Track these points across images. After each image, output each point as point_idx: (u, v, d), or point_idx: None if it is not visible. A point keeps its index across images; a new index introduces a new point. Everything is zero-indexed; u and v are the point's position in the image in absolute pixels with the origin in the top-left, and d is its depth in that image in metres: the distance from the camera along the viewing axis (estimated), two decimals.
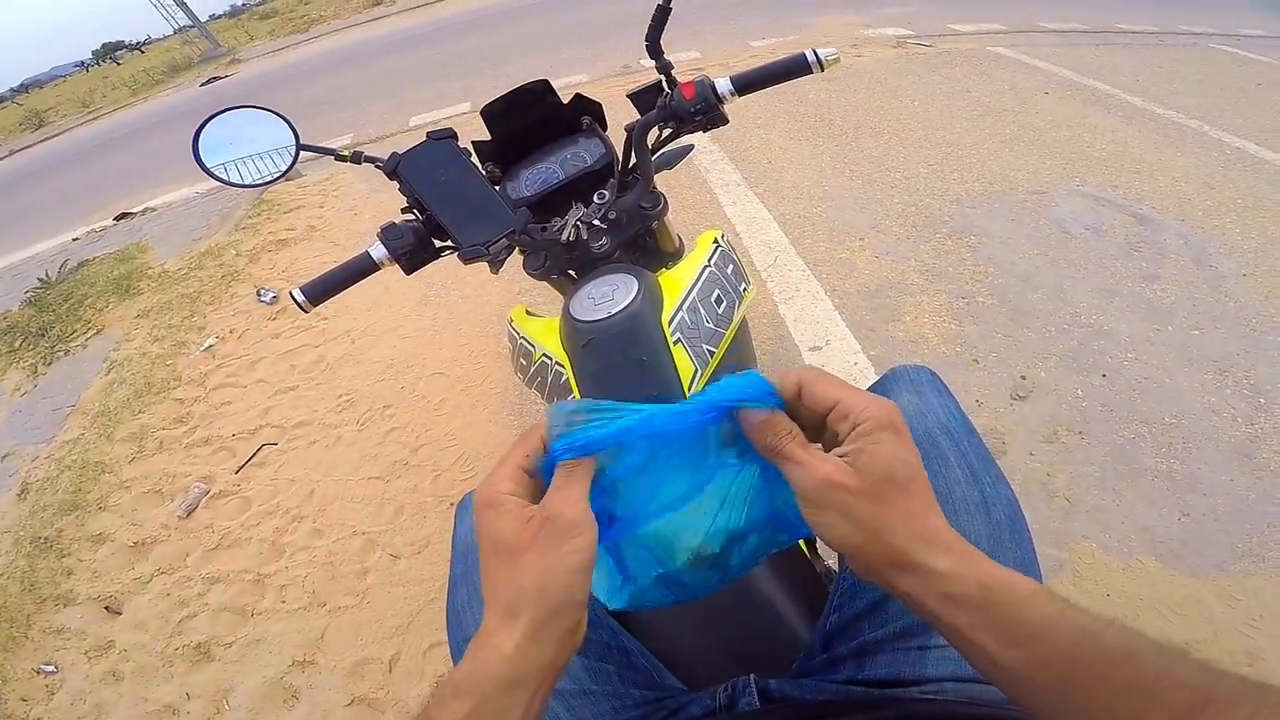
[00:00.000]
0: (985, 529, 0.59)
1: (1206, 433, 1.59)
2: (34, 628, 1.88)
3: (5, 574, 2.09)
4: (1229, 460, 1.52)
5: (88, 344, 3.34)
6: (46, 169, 8.16)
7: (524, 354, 0.91)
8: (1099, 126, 3.06)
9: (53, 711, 1.67)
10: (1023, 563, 0.59)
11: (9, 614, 1.93)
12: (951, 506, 0.60)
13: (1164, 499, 1.46)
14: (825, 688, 0.56)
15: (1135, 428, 1.63)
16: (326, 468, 2.15)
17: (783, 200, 2.80)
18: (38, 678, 1.75)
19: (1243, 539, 1.36)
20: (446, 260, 0.91)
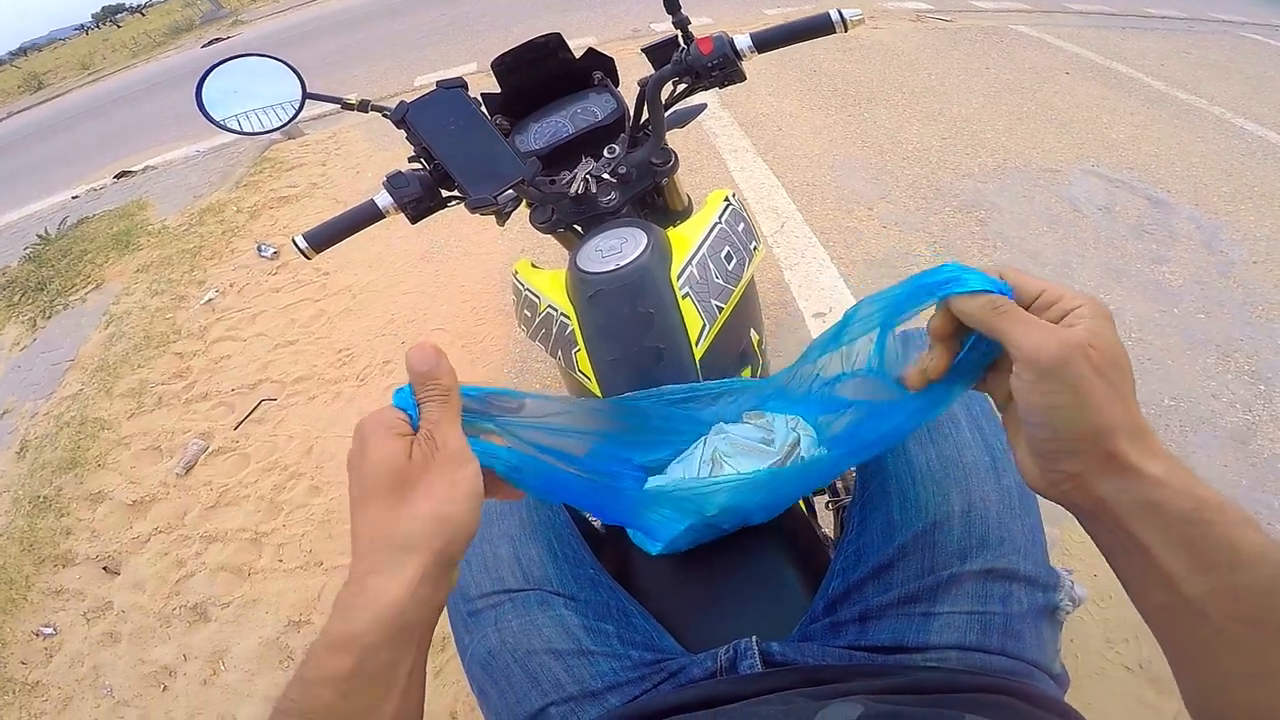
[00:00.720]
0: (995, 493, 0.58)
1: (1204, 417, 1.59)
2: (33, 589, 1.89)
3: (5, 534, 2.10)
4: (1224, 446, 1.52)
5: (87, 298, 3.32)
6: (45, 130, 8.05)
7: (529, 306, 0.90)
8: (1119, 109, 3.01)
9: (51, 674, 1.68)
10: (1032, 530, 0.58)
11: (8, 575, 1.94)
12: (962, 470, 0.59)
13: None
14: (828, 652, 0.55)
15: None
16: (325, 423, 2.15)
17: (792, 168, 2.77)
18: (37, 640, 1.76)
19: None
20: (449, 217, 0.90)
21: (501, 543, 0.67)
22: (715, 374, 0.79)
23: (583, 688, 0.58)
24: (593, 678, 0.58)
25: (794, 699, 0.47)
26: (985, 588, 0.55)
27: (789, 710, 0.45)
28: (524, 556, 0.66)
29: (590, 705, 0.57)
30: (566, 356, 0.82)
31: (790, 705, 0.46)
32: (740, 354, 0.87)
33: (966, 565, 0.55)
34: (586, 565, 0.68)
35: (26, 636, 1.78)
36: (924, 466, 0.60)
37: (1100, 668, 1.17)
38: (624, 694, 0.58)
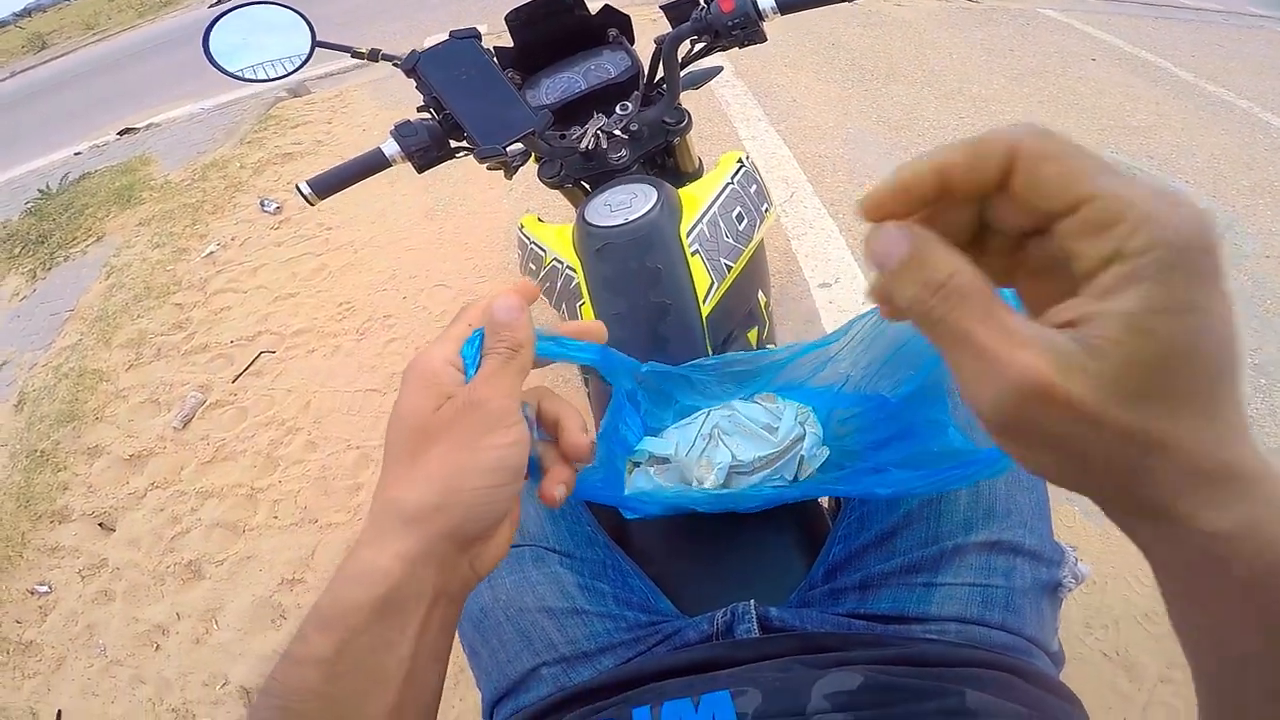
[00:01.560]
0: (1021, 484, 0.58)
1: None
2: (29, 546, 1.90)
3: (2, 490, 2.10)
4: None
5: (88, 250, 3.31)
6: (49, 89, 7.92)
7: (533, 259, 0.89)
8: (1143, 97, 2.95)
9: (46, 634, 1.69)
10: (1039, 504, 0.58)
11: (4, 532, 1.95)
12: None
13: None
14: (826, 619, 0.55)
15: None
16: (324, 377, 2.15)
17: (804, 139, 2.72)
18: (32, 599, 1.77)
19: None
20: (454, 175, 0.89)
21: None
22: (721, 333, 0.78)
23: (575, 648, 0.57)
24: (586, 638, 0.58)
25: (791, 666, 0.47)
26: (989, 560, 0.54)
27: (786, 678, 0.45)
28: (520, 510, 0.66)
29: (583, 666, 0.57)
30: (571, 310, 0.81)
31: (788, 673, 0.46)
32: (747, 314, 0.87)
33: (971, 536, 0.55)
34: (584, 523, 0.67)
35: (22, 595, 1.78)
36: None
37: (1079, 652, 1.17)
38: (617, 655, 0.57)
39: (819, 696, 0.42)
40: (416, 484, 0.32)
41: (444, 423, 0.32)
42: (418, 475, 0.32)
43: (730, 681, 0.45)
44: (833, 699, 0.41)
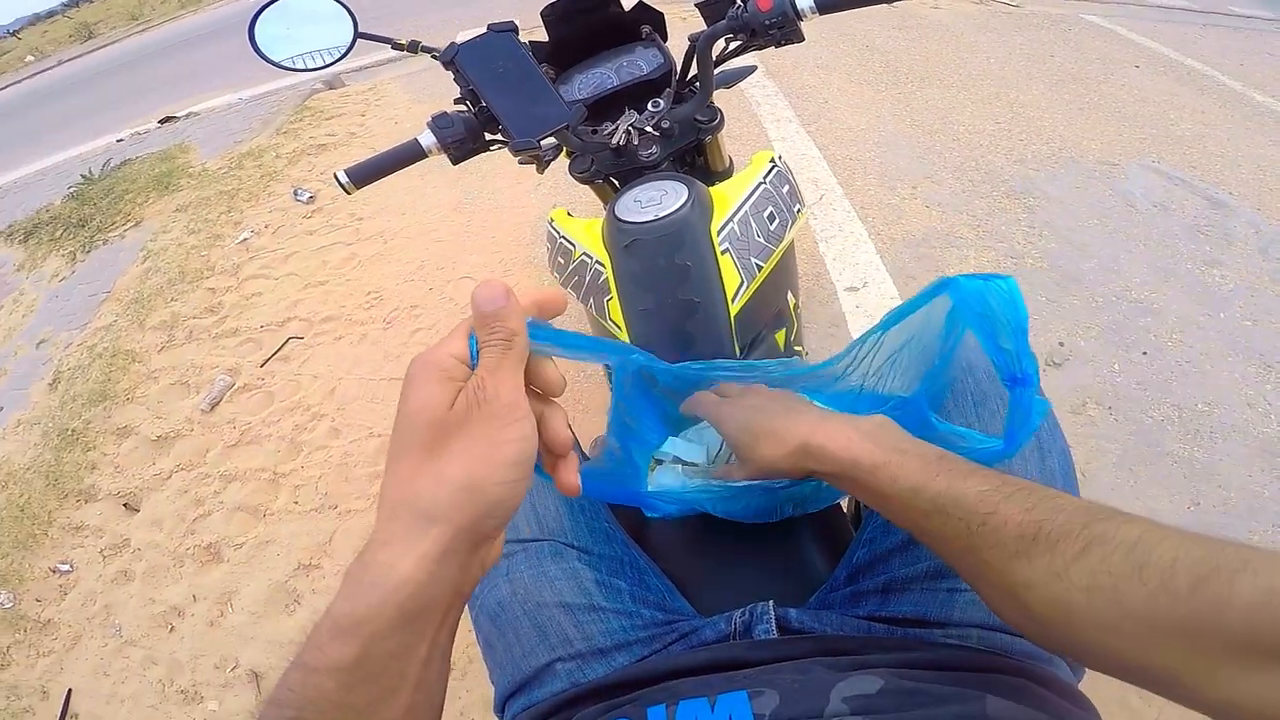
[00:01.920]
0: (1038, 473, 0.56)
1: (1236, 425, 1.53)
2: (54, 524, 1.94)
3: (32, 468, 2.15)
4: (1253, 456, 1.47)
5: (126, 235, 3.40)
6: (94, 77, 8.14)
7: (562, 253, 0.89)
8: (1188, 106, 2.87)
9: (64, 612, 1.72)
10: None
11: (32, 511, 1.99)
12: None
13: (1179, 486, 1.43)
14: (846, 622, 0.54)
15: (1166, 410, 1.58)
16: (350, 365, 2.18)
17: (836, 141, 2.70)
18: (53, 577, 1.81)
19: (1245, 536, 1.33)
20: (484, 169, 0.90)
21: None
22: (749, 333, 0.78)
23: (591, 644, 0.57)
24: (602, 635, 0.57)
25: (810, 668, 0.46)
26: None
27: (805, 680, 0.44)
28: (539, 505, 0.65)
29: (597, 663, 0.56)
30: (598, 304, 0.81)
31: (806, 675, 0.45)
32: (776, 315, 0.86)
33: None
34: (602, 519, 0.67)
35: (44, 573, 1.82)
36: None
37: None
38: (633, 653, 0.57)
39: (838, 699, 0.41)
40: (436, 482, 0.31)
41: (459, 419, 0.31)
42: (436, 473, 0.31)
43: (747, 682, 0.45)
44: (852, 702, 0.41)
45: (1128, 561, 0.33)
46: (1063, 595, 0.35)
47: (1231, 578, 0.29)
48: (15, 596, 1.78)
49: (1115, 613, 0.33)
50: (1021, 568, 0.37)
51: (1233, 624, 0.29)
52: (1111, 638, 0.34)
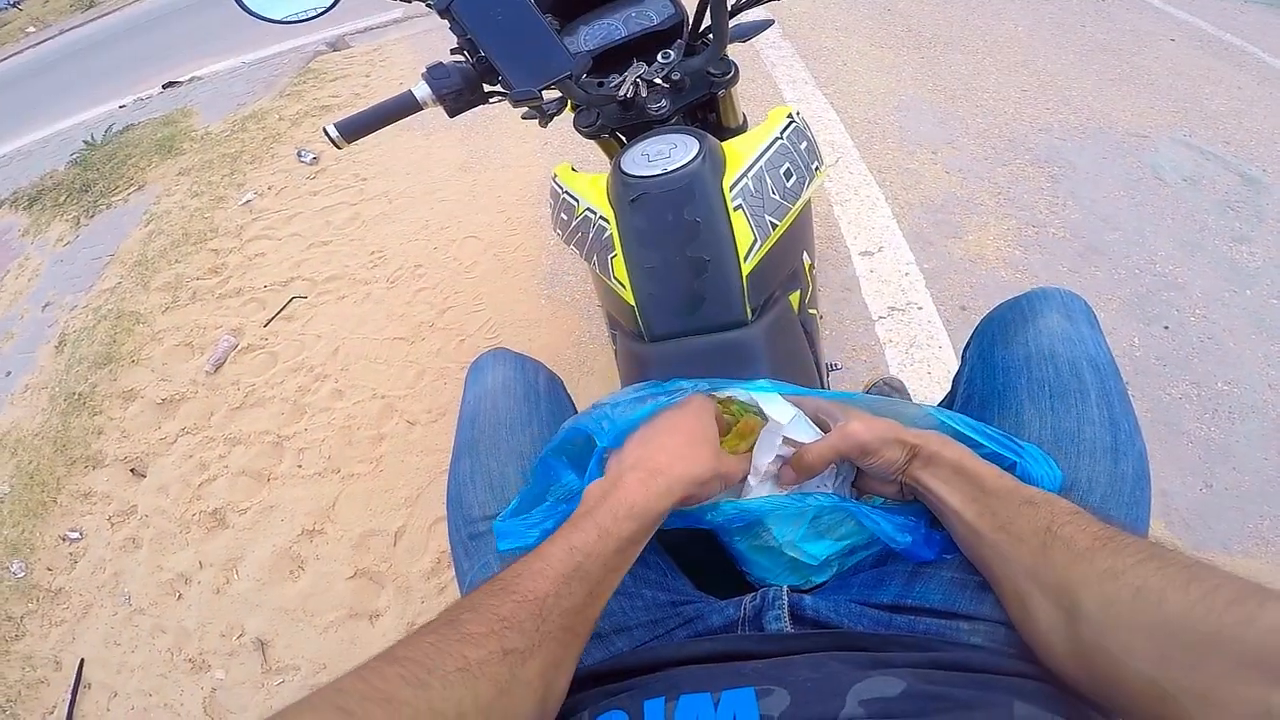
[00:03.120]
0: (1107, 477, 0.53)
1: (1256, 406, 1.49)
2: (63, 491, 1.95)
3: (40, 434, 2.16)
4: (1270, 438, 1.43)
5: (129, 199, 3.38)
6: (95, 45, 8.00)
7: (565, 209, 0.85)
8: (1224, 81, 2.74)
9: (74, 580, 1.73)
10: (1135, 523, 0.53)
11: (41, 478, 2.00)
12: (1077, 446, 0.53)
13: (1193, 466, 1.40)
14: (866, 613, 0.51)
15: (1185, 388, 1.54)
16: (354, 324, 2.16)
17: (853, 104, 2.62)
18: (63, 545, 1.82)
19: (1256, 520, 1.31)
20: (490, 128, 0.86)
21: (509, 461, 0.62)
22: (762, 294, 0.74)
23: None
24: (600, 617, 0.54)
25: (826, 663, 0.43)
26: None
27: (819, 679, 0.41)
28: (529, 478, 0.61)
29: (594, 646, 0.54)
30: (602, 262, 0.77)
31: (820, 673, 0.42)
32: (790, 275, 0.82)
33: None
34: None
35: (54, 541, 1.83)
36: (1035, 433, 0.55)
37: None
38: (632, 637, 0.54)
39: (855, 702, 0.38)
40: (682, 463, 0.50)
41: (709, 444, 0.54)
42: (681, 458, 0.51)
43: (756, 677, 0.42)
44: (870, 705, 0.38)
45: (1180, 574, 0.36)
46: (1113, 593, 0.38)
47: (1263, 602, 0.33)
48: (27, 566, 1.80)
49: (1154, 615, 0.36)
50: (1082, 567, 0.41)
51: (1254, 640, 0.32)
52: (1143, 641, 0.36)
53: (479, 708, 0.35)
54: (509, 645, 0.37)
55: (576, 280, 2.07)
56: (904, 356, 1.65)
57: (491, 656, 0.36)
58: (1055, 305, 0.63)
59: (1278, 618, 0.31)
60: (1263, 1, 3.74)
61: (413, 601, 1.46)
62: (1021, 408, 0.57)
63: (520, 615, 0.39)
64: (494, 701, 0.36)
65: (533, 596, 0.40)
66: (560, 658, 0.41)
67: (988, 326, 0.67)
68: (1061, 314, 0.62)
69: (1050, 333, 0.60)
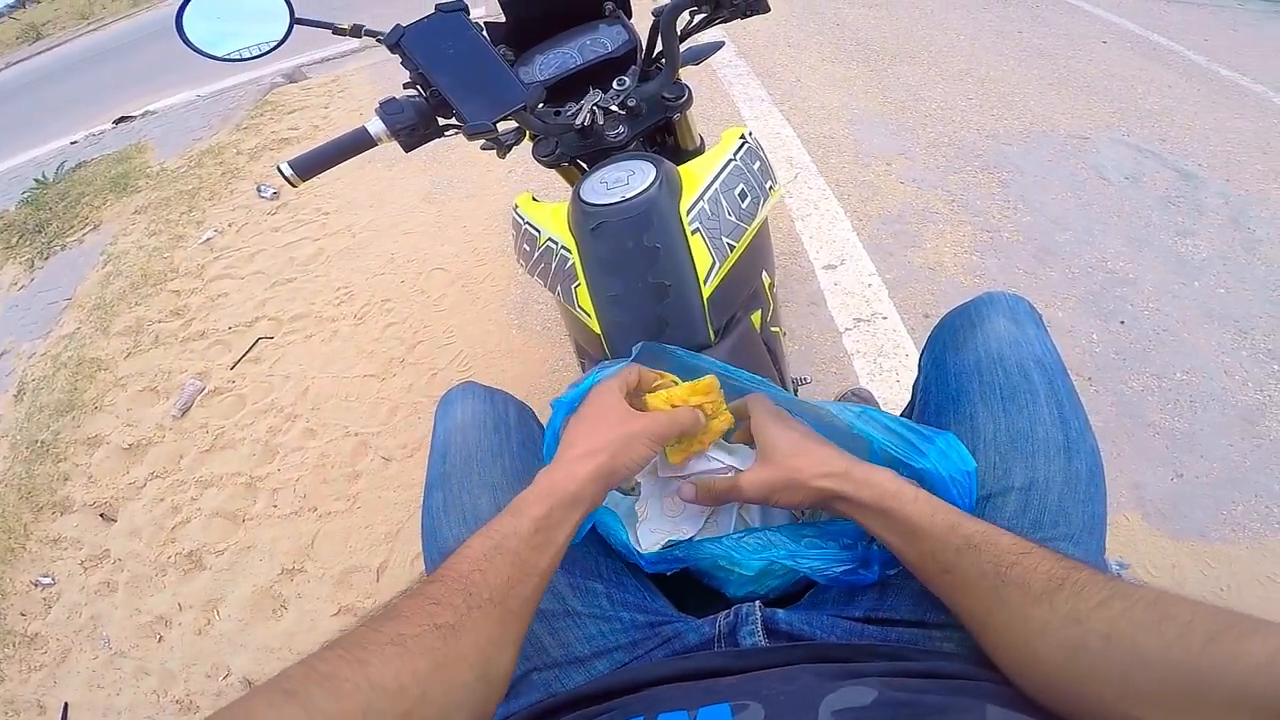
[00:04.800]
0: (1062, 475, 0.54)
1: (1215, 394, 1.55)
2: (31, 538, 1.88)
3: (3, 481, 2.09)
4: (1232, 424, 1.48)
5: (84, 239, 3.29)
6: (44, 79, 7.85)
7: (528, 240, 0.86)
8: (1155, 80, 2.88)
9: (51, 626, 1.68)
10: (1092, 519, 0.54)
11: (7, 524, 1.93)
12: (1031, 445, 0.55)
13: (1161, 457, 1.44)
14: (838, 624, 0.52)
15: (1145, 380, 1.59)
16: (322, 363, 2.13)
17: (808, 119, 2.68)
18: (35, 590, 1.76)
19: (1229, 506, 1.34)
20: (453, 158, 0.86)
21: (482, 492, 0.62)
22: (724, 314, 0.75)
23: (568, 652, 0.55)
24: (579, 641, 0.55)
25: (798, 676, 0.43)
26: None
27: (792, 691, 0.41)
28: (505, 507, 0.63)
29: (575, 671, 0.54)
30: (566, 292, 0.78)
31: (794, 684, 0.42)
32: (751, 295, 0.83)
33: None
34: None
35: (25, 587, 1.77)
36: (990, 436, 0.56)
37: None
38: (612, 660, 0.55)
39: (827, 713, 0.38)
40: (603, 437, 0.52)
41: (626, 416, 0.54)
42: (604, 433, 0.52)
43: (731, 693, 0.42)
44: (842, 715, 0.38)
45: (1149, 614, 0.35)
46: (1079, 640, 0.37)
47: (1241, 637, 0.32)
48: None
49: (1130, 660, 0.35)
50: (1041, 612, 0.39)
51: (1239, 679, 0.31)
52: (1118, 687, 0.35)
53: (417, 679, 0.37)
54: (439, 620, 0.39)
55: (546, 309, 2.07)
56: (872, 366, 1.68)
57: (424, 632, 0.39)
58: (1001, 310, 0.65)
59: (1260, 654, 0.31)
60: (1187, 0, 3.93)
61: None
62: (975, 411, 0.58)
63: (445, 593, 0.41)
64: (431, 674, 0.38)
65: (455, 575, 0.43)
66: (496, 635, 0.42)
67: (939, 334, 0.68)
68: (1008, 318, 0.64)
69: (998, 337, 0.62)
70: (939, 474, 0.51)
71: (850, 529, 0.55)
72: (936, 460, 0.51)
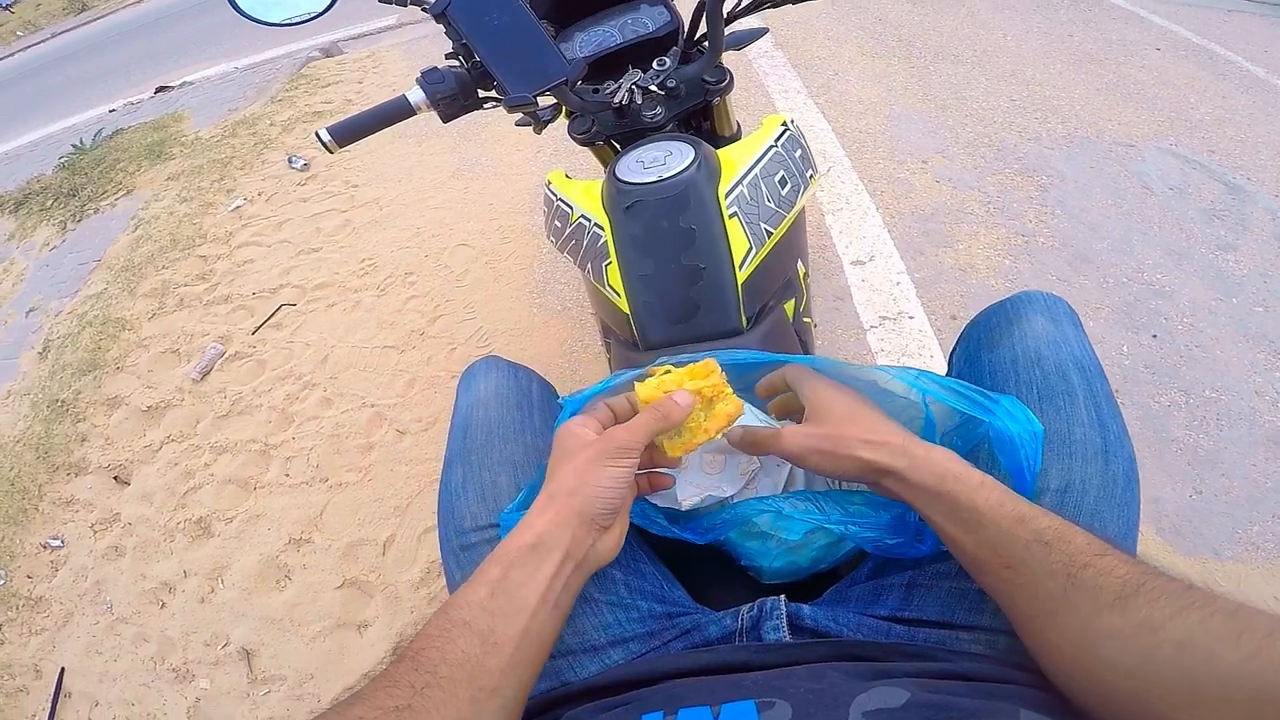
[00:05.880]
0: (1099, 479, 0.52)
1: (1243, 413, 1.51)
2: (45, 499, 1.91)
3: (22, 441, 2.12)
4: (1258, 445, 1.45)
5: (117, 203, 3.34)
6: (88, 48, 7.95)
7: (560, 216, 0.85)
8: (1209, 90, 2.79)
9: (55, 589, 1.70)
10: (1127, 525, 0.52)
11: (22, 484, 1.96)
12: (1069, 447, 0.53)
13: (1182, 473, 1.41)
14: (864, 623, 0.50)
15: (1173, 395, 1.55)
16: (343, 332, 2.14)
17: (844, 114, 2.64)
18: (44, 553, 1.78)
19: (1245, 526, 1.32)
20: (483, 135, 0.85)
21: (502, 470, 0.61)
22: (757, 302, 0.74)
23: (582, 640, 0.53)
24: (594, 629, 0.54)
25: (826, 674, 0.42)
26: None
27: (821, 690, 0.40)
28: (525, 487, 0.60)
29: (589, 660, 0.53)
30: (596, 269, 0.77)
31: (822, 682, 0.41)
32: (785, 284, 0.82)
33: None
34: None
35: (35, 549, 1.80)
36: None
37: None
38: (628, 650, 0.53)
39: (858, 714, 0.37)
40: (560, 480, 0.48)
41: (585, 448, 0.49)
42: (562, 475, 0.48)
43: (756, 689, 0.41)
44: (873, 717, 0.37)
45: (1229, 625, 0.34)
46: (1152, 648, 0.35)
47: None
48: (6, 573, 1.76)
49: (1203, 672, 0.33)
50: (1112, 618, 0.37)
51: None
52: (1183, 695, 0.34)
53: None
54: (392, 703, 0.38)
55: (568, 289, 2.07)
56: None
57: (380, 715, 0.37)
58: (1039, 308, 0.63)
59: None
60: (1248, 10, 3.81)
61: (401, 612, 1.44)
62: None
63: (402, 671, 0.40)
64: None
65: (413, 651, 0.41)
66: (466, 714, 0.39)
67: (973, 331, 0.66)
68: (1046, 317, 0.62)
69: (1035, 335, 0.59)
70: (1007, 432, 0.48)
71: None
72: (1005, 418, 0.49)
